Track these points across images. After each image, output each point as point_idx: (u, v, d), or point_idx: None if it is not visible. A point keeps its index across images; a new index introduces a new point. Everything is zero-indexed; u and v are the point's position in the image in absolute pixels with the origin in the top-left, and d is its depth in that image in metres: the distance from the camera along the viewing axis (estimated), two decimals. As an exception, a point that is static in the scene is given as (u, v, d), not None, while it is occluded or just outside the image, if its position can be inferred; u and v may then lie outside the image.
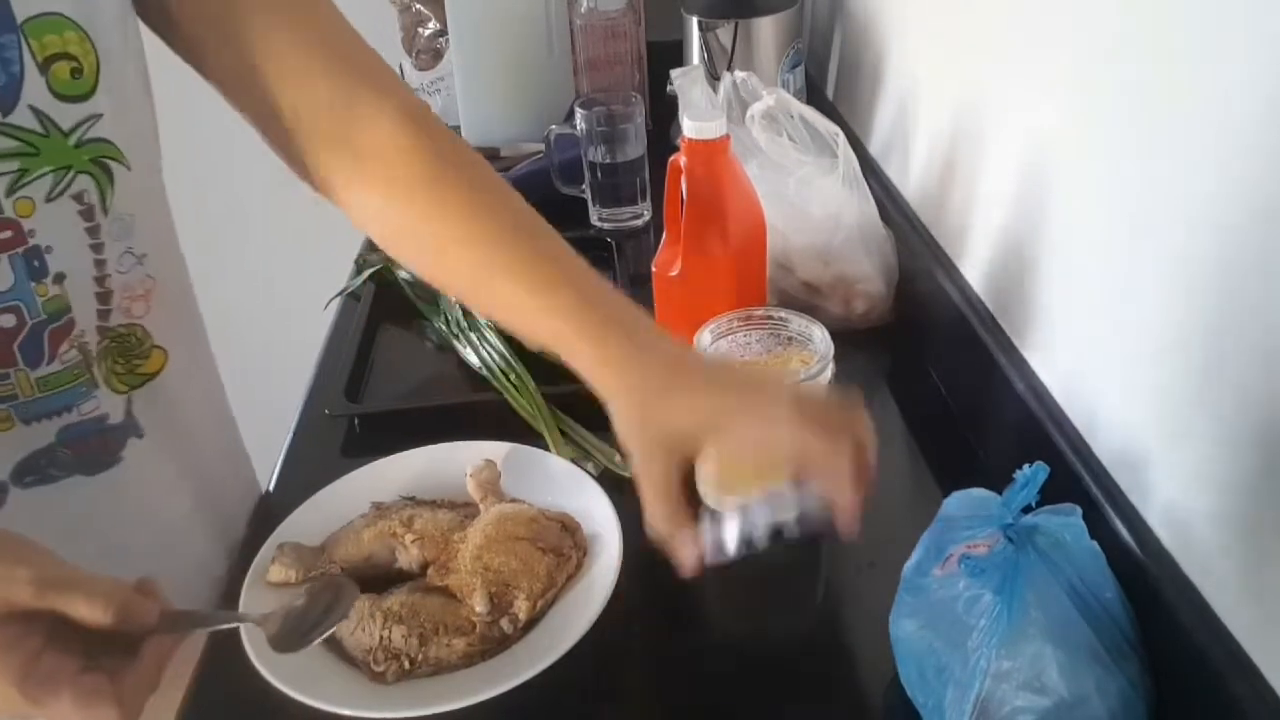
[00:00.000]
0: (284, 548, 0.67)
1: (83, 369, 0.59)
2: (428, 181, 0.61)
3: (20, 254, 0.54)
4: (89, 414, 0.60)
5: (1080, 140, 0.64)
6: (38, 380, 0.57)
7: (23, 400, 0.57)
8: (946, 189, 0.89)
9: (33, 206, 0.54)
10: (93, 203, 0.57)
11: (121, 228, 0.59)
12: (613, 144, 1.12)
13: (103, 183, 0.57)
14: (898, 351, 0.92)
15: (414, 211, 0.61)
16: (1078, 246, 0.66)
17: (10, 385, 0.56)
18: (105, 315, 0.59)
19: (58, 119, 0.54)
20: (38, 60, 0.52)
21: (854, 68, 1.20)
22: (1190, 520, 0.54)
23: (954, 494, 0.60)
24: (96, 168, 0.57)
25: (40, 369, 0.57)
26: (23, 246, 0.54)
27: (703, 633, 0.67)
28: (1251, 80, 0.47)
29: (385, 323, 1.01)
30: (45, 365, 0.57)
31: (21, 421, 0.57)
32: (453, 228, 0.60)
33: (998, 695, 0.50)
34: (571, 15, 1.31)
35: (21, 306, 0.55)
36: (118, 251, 0.59)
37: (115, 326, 0.60)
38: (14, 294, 0.54)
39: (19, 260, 0.54)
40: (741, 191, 0.80)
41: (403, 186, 0.61)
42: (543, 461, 0.75)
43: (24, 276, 0.54)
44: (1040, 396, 0.69)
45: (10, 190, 0.53)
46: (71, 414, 0.59)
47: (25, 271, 0.54)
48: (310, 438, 0.86)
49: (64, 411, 0.59)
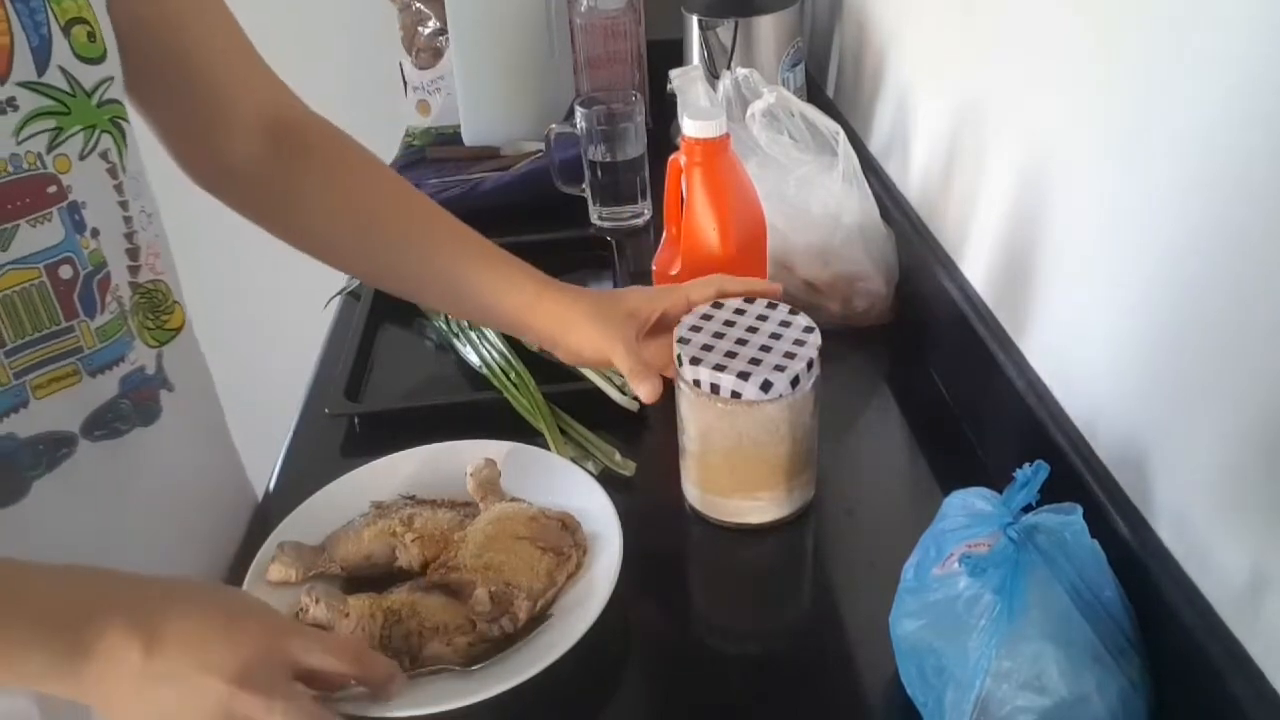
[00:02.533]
0: (284, 547, 0.67)
1: (122, 321, 0.61)
2: (284, 196, 0.72)
3: (65, 208, 0.57)
4: (135, 365, 0.63)
5: (1081, 139, 0.64)
6: (96, 330, 0.59)
7: (87, 352, 0.59)
8: (947, 188, 0.89)
9: (69, 164, 0.57)
10: (115, 161, 0.60)
11: (137, 186, 0.62)
12: (613, 143, 1.12)
13: (119, 142, 0.60)
14: (898, 351, 0.92)
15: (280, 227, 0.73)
16: (1078, 245, 0.66)
17: (76, 338, 0.58)
18: (135, 271, 0.62)
19: (82, 80, 0.56)
20: (60, 23, 0.55)
21: (854, 66, 1.20)
22: (1191, 519, 0.54)
23: (954, 494, 0.60)
24: (114, 128, 0.59)
25: (97, 319, 0.59)
26: (66, 201, 0.56)
27: (702, 632, 0.67)
28: (1251, 80, 0.47)
29: (385, 322, 1.01)
30: (100, 315, 0.59)
31: (88, 374, 0.59)
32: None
33: (998, 695, 0.50)
34: (571, 14, 1.31)
35: (74, 258, 0.57)
36: (137, 209, 0.62)
37: (144, 283, 0.63)
38: (66, 246, 0.57)
39: (65, 214, 0.57)
40: (741, 191, 0.80)
41: (264, 207, 0.73)
42: (543, 461, 0.75)
43: (71, 230, 0.57)
44: (1041, 395, 0.69)
45: (50, 147, 0.55)
46: (125, 364, 0.62)
47: (71, 225, 0.57)
48: (310, 437, 0.86)
49: (119, 362, 0.61)
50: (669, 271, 0.82)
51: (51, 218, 0.56)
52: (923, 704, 0.56)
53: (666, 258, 0.83)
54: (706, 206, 0.78)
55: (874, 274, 0.93)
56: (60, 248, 0.56)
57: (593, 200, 1.16)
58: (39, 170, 0.55)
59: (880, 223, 0.95)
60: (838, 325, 0.94)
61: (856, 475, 0.80)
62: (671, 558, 0.73)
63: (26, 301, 0.55)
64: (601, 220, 1.17)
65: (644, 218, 1.17)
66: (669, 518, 0.77)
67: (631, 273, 1.03)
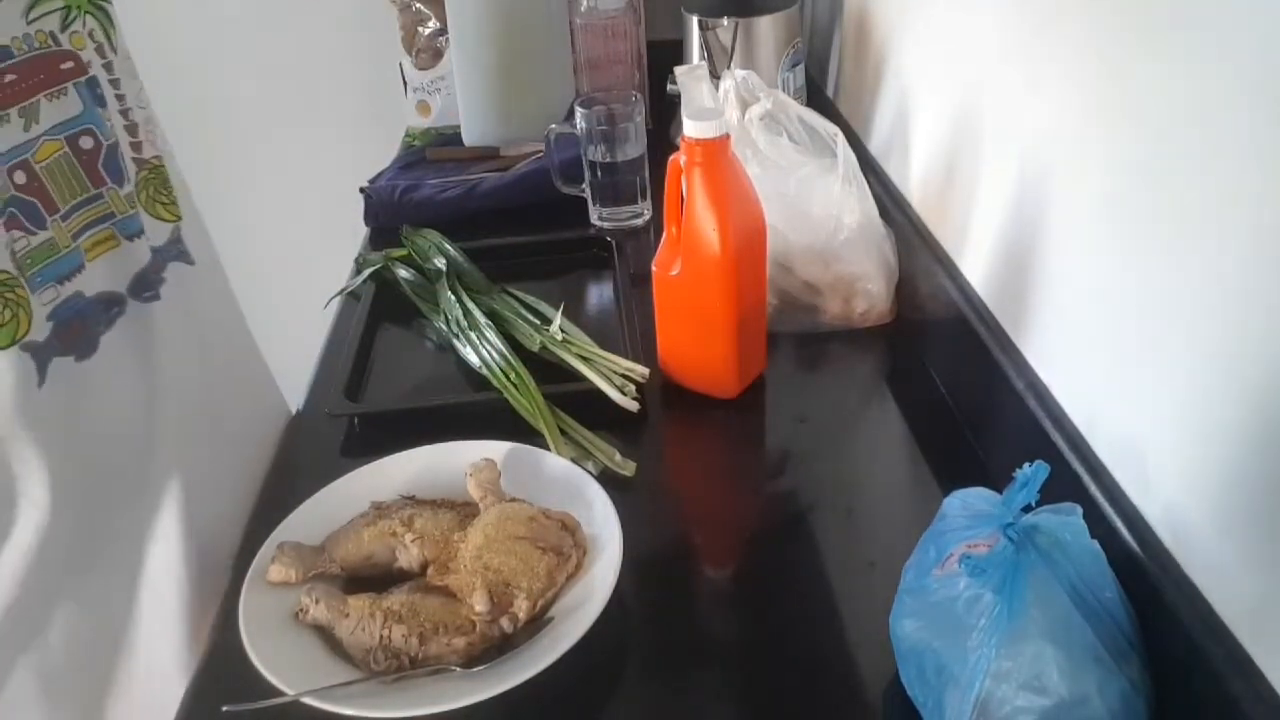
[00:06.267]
0: (284, 547, 0.67)
1: (136, 193, 0.64)
2: None
3: (85, 83, 0.60)
4: (157, 235, 0.66)
5: (1080, 139, 0.64)
6: (126, 197, 0.63)
7: (120, 218, 0.63)
8: (947, 188, 0.89)
9: (84, 41, 0.60)
10: (102, 40, 0.62)
11: (128, 67, 0.64)
12: (613, 143, 1.12)
13: (105, 23, 0.62)
14: (898, 351, 0.92)
15: None
16: (1078, 245, 0.66)
17: (106, 204, 0.62)
18: (138, 147, 0.65)
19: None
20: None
21: (854, 67, 1.20)
22: (1191, 519, 0.54)
23: (954, 494, 0.60)
24: (95, 9, 0.62)
25: (125, 187, 0.63)
26: (84, 76, 0.60)
27: (702, 632, 0.67)
28: (1251, 79, 0.47)
29: (385, 322, 1.01)
30: (127, 184, 0.63)
31: (125, 239, 0.63)
32: None
33: (998, 695, 0.50)
34: (571, 15, 1.31)
35: (95, 129, 0.60)
36: (133, 90, 0.64)
37: (148, 159, 0.66)
38: (86, 118, 0.60)
39: (84, 88, 0.60)
40: (741, 191, 0.80)
41: None
42: (543, 461, 0.75)
43: (92, 103, 0.60)
44: (1040, 395, 0.69)
45: (64, 26, 0.59)
46: (147, 235, 0.65)
47: (91, 98, 0.60)
48: (310, 438, 0.86)
49: (144, 231, 0.65)
50: (669, 272, 0.83)
51: (68, 92, 0.59)
52: (922, 704, 0.56)
53: (666, 258, 0.83)
54: (706, 207, 0.78)
55: (874, 274, 0.93)
56: (81, 119, 0.59)
57: (593, 200, 1.16)
58: (51, 48, 0.58)
59: (880, 223, 0.95)
60: (838, 325, 0.94)
61: (856, 475, 0.80)
62: (671, 558, 0.73)
63: (61, 170, 0.59)
64: (601, 220, 1.17)
65: (644, 218, 1.17)
66: (669, 518, 0.77)
67: (631, 273, 1.03)
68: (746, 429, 0.86)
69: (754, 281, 0.84)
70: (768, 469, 0.81)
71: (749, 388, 0.87)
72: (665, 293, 0.85)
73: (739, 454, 0.84)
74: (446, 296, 0.97)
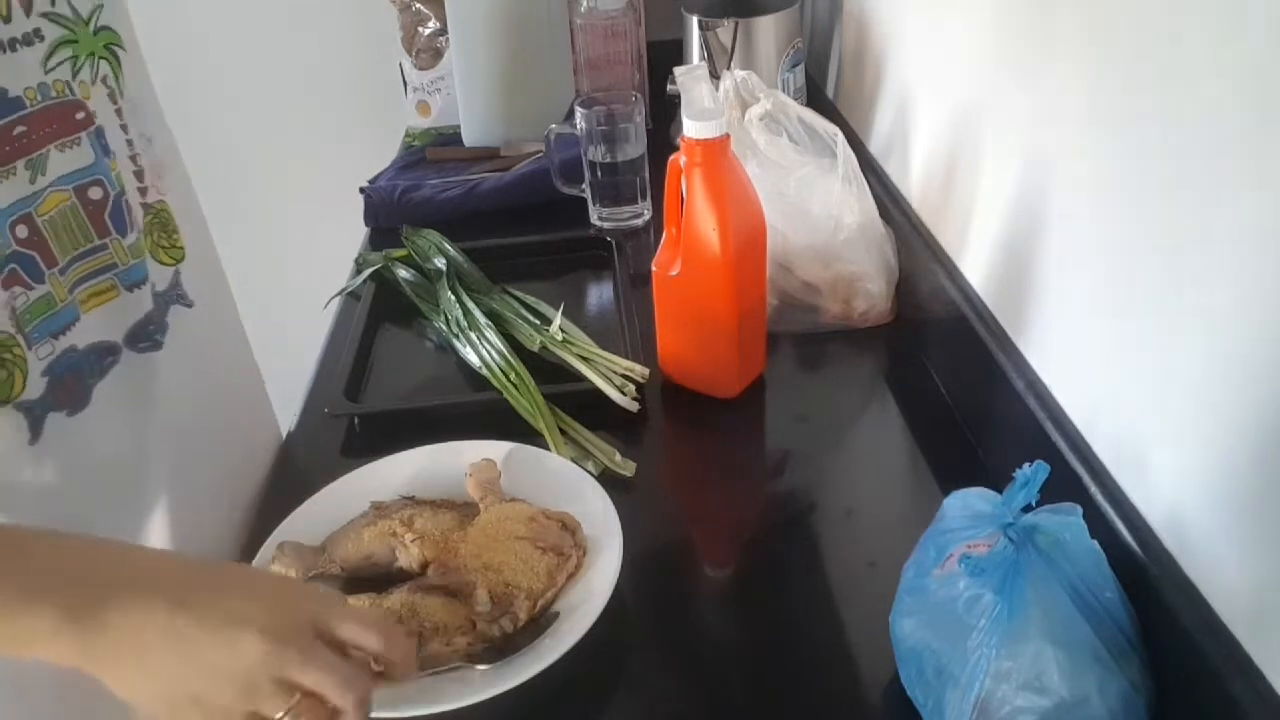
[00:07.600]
0: (284, 547, 0.67)
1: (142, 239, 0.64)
2: None
3: (93, 133, 0.59)
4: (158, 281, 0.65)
5: (1080, 139, 0.64)
6: (129, 248, 0.62)
7: (121, 268, 0.62)
8: (947, 188, 0.89)
9: (89, 90, 0.59)
10: (113, 86, 0.62)
11: (134, 109, 0.64)
12: (613, 143, 1.12)
13: (115, 68, 0.62)
14: (898, 351, 0.92)
15: None
16: (1078, 246, 0.66)
17: (109, 255, 0.61)
18: (144, 192, 0.65)
19: (79, 8, 0.59)
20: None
21: (854, 67, 1.20)
22: (1191, 520, 0.54)
23: (954, 494, 0.60)
24: (110, 54, 0.61)
25: (129, 237, 0.62)
26: (93, 126, 0.59)
27: (702, 633, 0.67)
28: (1251, 79, 0.47)
29: (385, 322, 1.01)
30: (131, 234, 0.62)
31: (125, 289, 0.62)
32: None
33: (998, 695, 0.50)
34: (571, 15, 1.31)
35: (103, 180, 0.60)
36: (136, 133, 0.64)
37: (153, 203, 0.66)
38: (96, 169, 0.59)
39: (94, 139, 0.59)
40: (741, 191, 0.80)
41: None
42: (543, 461, 0.75)
43: (100, 153, 0.59)
44: (1040, 396, 0.69)
45: (74, 75, 0.57)
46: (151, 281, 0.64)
47: (100, 149, 0.60)
48: (310, 438, 0.86)
49: (150, 278, 0.64)
50: (669, 272, 0.83)
51: (80, 142, 0.58)
52: (922, 704, 0.56)
53: (666, 259, 0.83)
54: (706, 207, 0.78)
55: (874, 274, 0.93)
56: (91, 170, 0.59)
57: (593, 201, 1.16)
58: (67, 98, 0.57)
59: (880, 223, 0.95)
60: (838, 325, 0.94)
61: (856, 475, 0.80)
62: (672, 557, 0.73)
63: (65, 221, 0.58)
64: (601, 221, 1.17)
65: (644, 218, 1.17)
66: (669, 518, 0.77)
67: (631, 273, 1.03)
68: (746, 429, 0.86)
69: (754, 281, 0.84)
70: (768, 469, 0.81)
71: (749, 388, 0.87)
72: (665, 293, 0.85)
73: (739, 454, 0.84)
74: (446, 297, 0.97)
